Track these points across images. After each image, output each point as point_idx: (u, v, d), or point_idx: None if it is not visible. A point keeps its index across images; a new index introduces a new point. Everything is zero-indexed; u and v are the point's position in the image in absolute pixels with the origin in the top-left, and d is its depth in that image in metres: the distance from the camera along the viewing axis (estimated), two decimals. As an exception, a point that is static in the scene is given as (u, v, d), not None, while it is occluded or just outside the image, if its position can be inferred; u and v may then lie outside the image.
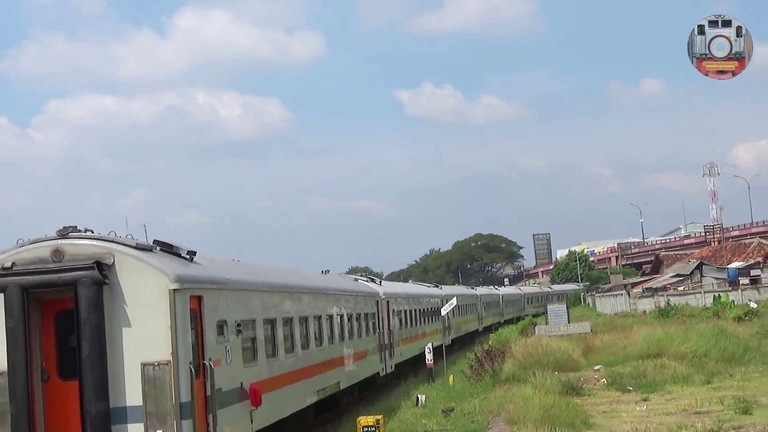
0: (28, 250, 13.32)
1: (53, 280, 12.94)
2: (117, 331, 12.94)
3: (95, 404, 12.61)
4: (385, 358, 31.09)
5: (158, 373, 12.84)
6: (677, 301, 60.26)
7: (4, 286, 12.88)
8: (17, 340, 12.81)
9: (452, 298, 39.07)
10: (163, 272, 13.19)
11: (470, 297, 61.32)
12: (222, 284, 15.34)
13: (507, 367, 29.63)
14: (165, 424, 12.74)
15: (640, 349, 30.35)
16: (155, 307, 13.01)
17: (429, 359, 33.75)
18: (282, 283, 20.13)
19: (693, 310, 55.11)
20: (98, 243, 13.45)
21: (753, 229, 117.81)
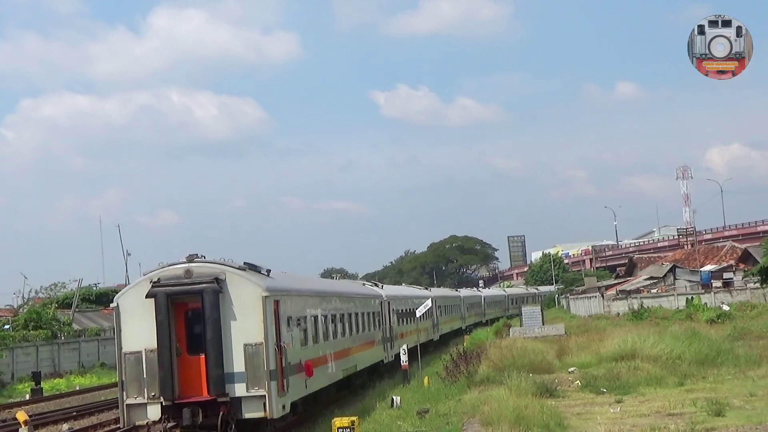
0: (167, 270, 20.71)
1: (187, 290, 20.28)
2: (228, 323, 20.10)
3: (215, 370, 19.89)
4: (387, 348, 36.75)
5: (255, 350, 20.02)
6: (650, 303, 60.61)
7: (154, 293, 20.26)
8: (163, 329, 20.12)
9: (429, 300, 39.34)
10: (258, 285, 20.50)
11: (454, 298, 67.53)
12: (288, 292, 22.71)
13: (482, 369, 29.68)
14: (259, 384, 19.96)
15: (613, 351, 30.47)
16: (253, 307, 20.19)
17: (404, 361, 33.74)
18: (320, 290, 28.00)
19: (666, 312, 55.44)
20: (215, 266, 20.79)
21: (726, 232, 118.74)
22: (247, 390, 20.05)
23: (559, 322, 50.39)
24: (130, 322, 20.82)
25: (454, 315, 63.94)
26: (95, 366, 58.02)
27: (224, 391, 19.96)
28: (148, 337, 20.33)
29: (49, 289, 76.08)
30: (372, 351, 33.64)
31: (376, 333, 35.12)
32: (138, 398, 20.42)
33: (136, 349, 20.59)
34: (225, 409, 19.98)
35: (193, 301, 20.32)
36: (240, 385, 20.04)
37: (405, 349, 34.47)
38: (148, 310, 20.38)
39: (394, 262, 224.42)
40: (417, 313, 37.85)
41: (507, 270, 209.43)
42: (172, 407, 20.14)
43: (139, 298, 20.58)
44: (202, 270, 20.52)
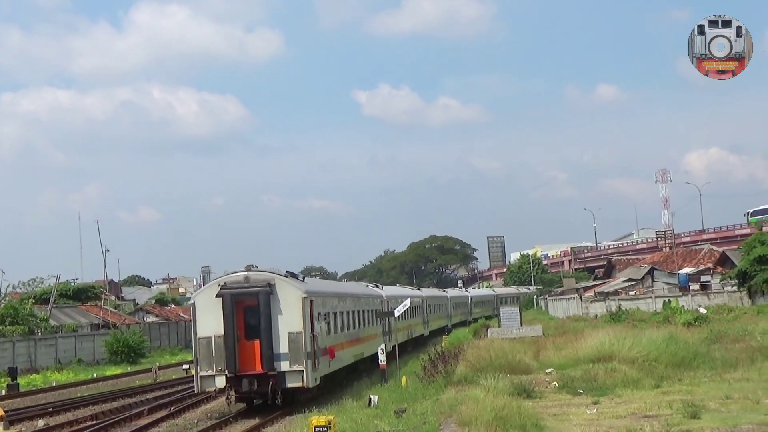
0: (231, 276, 27.87)
1: (246, 292, 27.20)
2: (276, 316, 27.07)
3: (267, 351, 26.88)
4: (386, 340, 41.20)
5: (296, 337, 27.05)
6: (628, 305, 60.89)
7: (222, 294, 27.13)
8: (228, 320, 26.92)
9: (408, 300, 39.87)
10: (298, 288, 27.78)
11: (441, 298, 74.01)
12: (318, 294, 29.94)
13: (459, 369, 29.75)
14: (299, 362, 26.94)
15: (591, 353, 30.62)
16: (295, 305, 27.23)
17: (382, 360, 33.77)
18: (338, 292, 36.03)
19: (644, 314, 55.67)
20: (267, 274, 27.95)
21: (704, 235, 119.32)
22: (290, 366, 27.22)
23: (537, 323, 50.54)
24: (203, 315, 27.65)
25: (441, 313, 70.72)
26: (72, 362, 57.79)
27: (273, 367, 27.11)
28: (217, 326, 27.24)
29: (26, 285, 75.61)
30: (375, 341, 39.53)
31: (377, 327, 40.94)
32: (208, 371, 27.41)
33: (207, 335, 27.47)
34: (273, 380, 27.17)
35: (250, 300, 27.31)
36: (285, 363, 27.17)
37: (383, 348, 34.56)
38: (217, 307, 27.23)
39: (374, 261, 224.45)
40: (396, 313, 38.20)
41: (486, 270, 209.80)
42: (234, 378, 27.21)
43: (211, 297, 27.54)
44: (257, 277, 27.73)
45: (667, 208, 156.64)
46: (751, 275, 56.54)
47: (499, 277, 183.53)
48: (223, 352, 27.11)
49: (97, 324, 70.51)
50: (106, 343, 62.24)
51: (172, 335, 77.92)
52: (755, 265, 56.01)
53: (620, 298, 65.45)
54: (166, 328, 78.27)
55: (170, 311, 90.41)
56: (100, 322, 70.89)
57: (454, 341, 48.11)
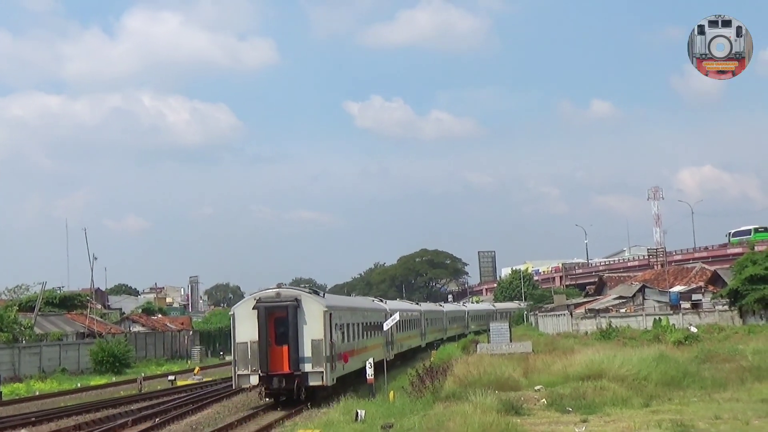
0: (264, 292, 33.54)
1: (277, 306, 32.81)
2: (302, 326, 32.53)
3: (293, 355, 32.34)
4: (389, 350, 48.64)
5: (317, 343, 32.49)
6: (619, 323, 60.90)
7: (257, 307, 32.81)
8: (261, 329, 32.50)
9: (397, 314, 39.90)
10: (321, 303, 33.42)
11: (437, 312, 79.68)
12: (336, 308, 35.55)
13: (448, 385, 29.69)
14: (320, 364, 32.32)
15: (580, 370, 30.59)
16: (317, 317, 32.80)
17: (369, 374, 33.71)
18: (351, 306, 42.17)
19: (634, 332, 55.66)
20: (295, 290, 34.21)
21: (696, 254, 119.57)
22: (312, 367, 32.79)
23: (527, 340, 50.52)
24: (241, 324, 33.42)
25: (437, 327, 76.64)
26: (56, 371, 57.51)
27: (298, 368, 32.78)
28: (252, 333, 33.01)
29: (12, 292, 75.35)
30: (378, 350, 44.79)
31: (381, 337, 46.53)
32: (245, 371, 33.14)
33: (244, 341, 33.21)
34: (299, 379, 32.80)
35: (281, 312, 32.95)
36: (308, 364, 32.76)
37: (371, 362, 34.50)
38: (253, 317, 33.05)
39: (363, 274, 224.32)
40: (384, 327, 38.33)
41: (476, 285, 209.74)
42: (265, 377, 32.96)
43: (248, 310, 33.41)
44: (286, 293, 33.81)
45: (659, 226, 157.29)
46: (742, 294, 56.62)
47: (489, 292, 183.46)
48: (257, 355, 32.94)
49: (83, 333, 70.23)
50: (91, 352, 61.98)
51: (158, 345, 77.67)
52: (747, 285, 56.09)
53: (611, 315, 65.46)
54: (153, 339, 78.03)
55: (157, 321, 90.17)
56: (86, 330, 70.62)
57: (443, 356, 48.05)
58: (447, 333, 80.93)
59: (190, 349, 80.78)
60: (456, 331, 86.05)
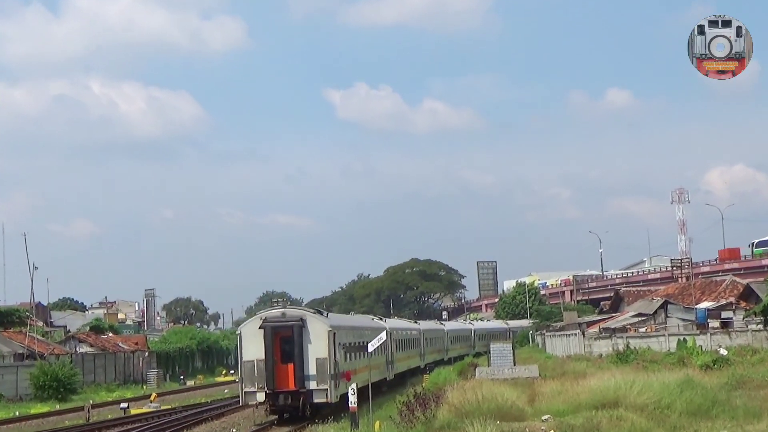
0: (270, 312, 40.22)
1: (283, 325, 38.67)
2: (307, 345, 38.41)
3: (299, 372, 38.14)
4: (389, 369, 54.89)
5: (322, 362, 38.34)
6: (638, 344, 61.05)
7: (264, 326, 38.58)
8: (268, 348, 38.25)
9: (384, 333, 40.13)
10: (325, 323, 39.44)
11: (438, 331, 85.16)
12: (339, 327, 40.58)
13: (442, 414, 29.71)
14: (324, 382, 38.12)
15: (594, 398, 30.66)
16: (322, 336, 38.66)
17: (352, 402, 33.69)
18: (353, 325, 48.18)
19: (655, 355, 55.82)
20: (300, 311, 41.56)
21: (726, 265, 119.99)
22: (317, 385, 38.38)
23: (532, 363, 50.61)
24: (247, 343, 39.12)
25: (437, 347, 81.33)
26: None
27: (304, 386, 38.32)
28: (258, 351, 38.57)
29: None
30: (379, 370, 50.81)
31: (382, 357, 51.97)
32: (251, 388, 38.66)
33: (251, 359, 38.82)
34: (304, 396, 38.33)
35: (286, 331, 38.61)
36: (313, 382, 38.27)
37: (354, 388, 34.50)
38: (259, 336, 38.61)
39: (345, 287, 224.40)
40: (369, 348, 38.42)
41: (475, 300, 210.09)
42: (271, 394, 38.47)
43: (254, 329, 39.01)
44: (292, 313, 40.17)
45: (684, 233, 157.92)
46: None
47: (490, 308, 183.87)
48: (264, 373, 38.45)
49: (21, 354, 70.02)
50: (31, 376, 61.79)
51: (109, 368, 77.52)
52: (784, 301, 56.29)
53: (629, 335, 65.64)
54: (102, 360, 77.87)
55: (107, 340, 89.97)
56: (25, 351, 70.41)
57: (438, 381, 48.11)
58: (448, 353, 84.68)
59: (146, 373, 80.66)
60: (460, 351, 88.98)
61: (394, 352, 56.57)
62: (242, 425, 40.44)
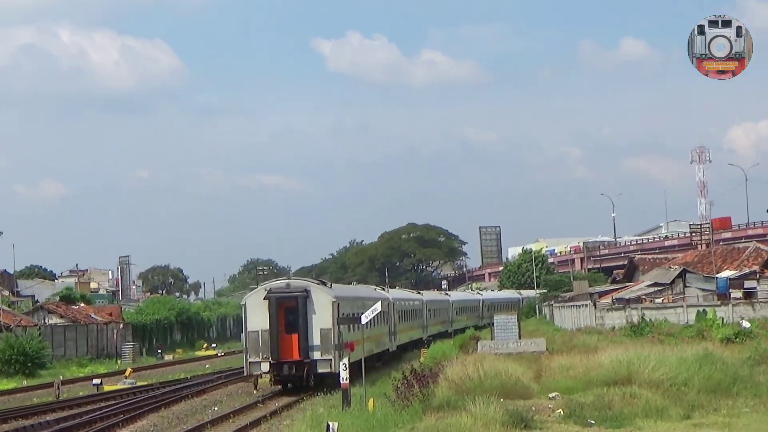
0: (275, 283, 45.21)
1: (287, 296, 43.24)
2: (311, 316, 42.78)
3: (303, 343, 42.57)
4: (392, 340, 59.63)
5: (326, 332, 42.77)
6: (654, 315, 61.18)
7: (269, 297, 42.93)
8: (272, 318, 42.57)
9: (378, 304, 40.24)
10: (329, 294, 44.29)
11: (442, 302, 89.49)
12: (343, 298, 45.67)
13: (441, 391, 29.79)
14: (329, 352, 42.65)
15: (606, 374, 30.74)
16: (326, 307, 43.10)
17: (344, 377, 33.75)
18: (356, 296, 53.54)
19: (672, 327, 55.98)
20: (304, 282, 46.10)
21: (749, 230, 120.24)
22: (321, 355, 42.44)
23: (539, 336, 50.69)
24: (252, 313, 43.26)
25: (440, 318, 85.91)
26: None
27: (308, 356, 42.44)
28: (263, 322, 42.63)
29: None
30: (383, 340, 56.43)
31: (385, 327, 56.95)
32: (256, 358, 42.85)
33: (255, 329, 42.90)
34: (308, 367, 42.33)
35: (291, 302, 42.80)
36: (317, 352, 42.24)
37: (346, 363, 34.56)
38: (264, 307, 42.71)
39: (337, 254, 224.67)
40: (363, 320, 38.43)
41: (477, 269, 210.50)
42: (276, 364, 42.54)
43: (259, 300, 43.21)
44: (296, 284, 44.66)
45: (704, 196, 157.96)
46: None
47: (493, 277, 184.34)
48: (268, 343, 42.49)
49: (-14, 326, 70.03)
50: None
51: (80, 341, 77.61)
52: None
53: (644, 306, 65.74)
54: (74, 333, 77.93)
55: (79, 311, 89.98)
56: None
57: (437, 355, 48.22)
58: (453, 325, 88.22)
59: (121, 347, 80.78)
60: (466, 323, 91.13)
61: (396, 323, 61.28)
62: (225, 403, 40.59)
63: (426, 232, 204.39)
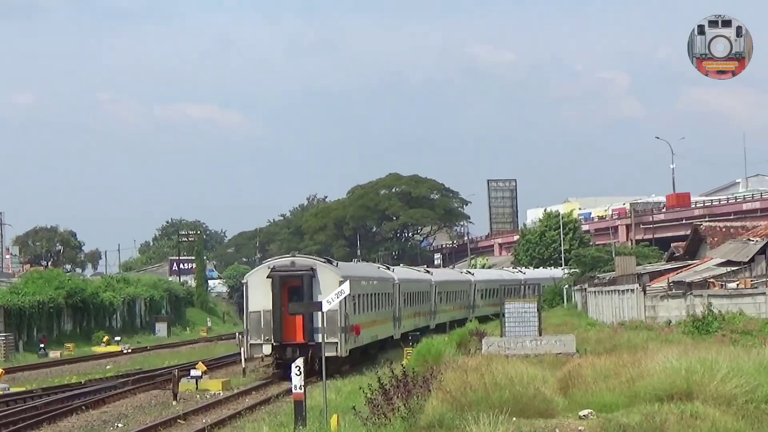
0: (279, 261, 60.84)
1: (292, 275, 57.24)
2: (317, 296, 54.31)
3: (308, 325, 55.11)
4: (396, 327, 72.06)
5: (333, 314, 53.06)
6: (725, 306, 61.49)
7: (271, 276, 56.95)
8: (276, 298, 56.21)
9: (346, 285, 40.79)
10: (336, 273, 57.86)
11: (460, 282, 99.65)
12: (350, 277, 53.16)
13: (432, 406, 29.92)
14: (335, 335, 56.14)
15: (658, 386, 30.92)
16: (333, 287, 45.84)
17: (296, 384, 33.76)
18: (363, 275, 67.46)
19: (750, 322, 56.25)
20: (310, 259, 61.89)
21: None
22: (326, 338, 47.45)
23: (567, 332, 50.93)
24: (254, 292, 55.16)
25: (459, 302, 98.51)
26: None
27: (313, 338, 52.16)
28: (266, 302, 54.44)
29: None
30: (386, 326, 68.84)
31: (389, 311, 70.41)
32: (257, 340, 54.73)
33: (257, 309, 54.68)
34: (312, 350, 50.62)
35: (295, 281, 54.49)
36: (322, 335, 45.99)
37: (300, 367, 34.60)
38: (267, 286, 54.50)
39: (291, 215, 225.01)
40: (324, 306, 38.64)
41: (484, 238, 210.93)
42: (279, 347, 54.10)
43: (262, 278, 55.23)
44: (301, 262, 57.20)
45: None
46: None
47: (506, 250, 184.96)
48: (271, 324, 54.06)
49: None
50: None
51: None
52: None
53: (711, 293, 66.10)
54: None
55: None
56: None
57: (427, 355, 48.33)
58: (475, 311, 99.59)
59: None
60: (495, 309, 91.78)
61: (401, 307, 74.76)
62: (131, 418, 40.75)
63: (414, 187, 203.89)
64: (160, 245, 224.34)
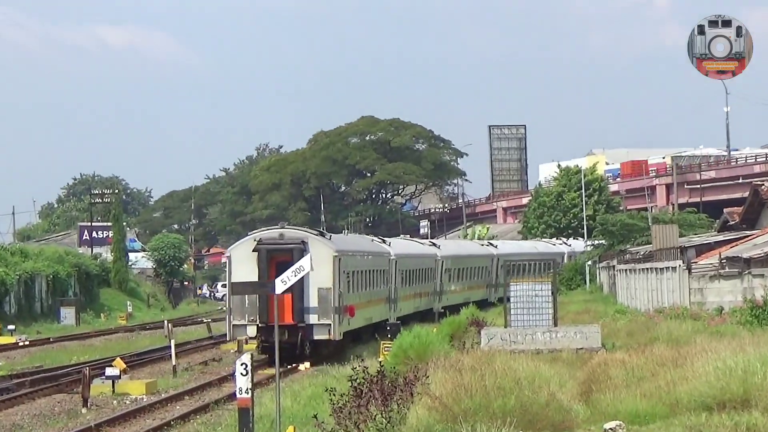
0: (266, 233, 70.84)
1: (281, 248, 67.04)
2: (308, 273, 42.09)
3: (298, 304, 64.92)
4: (392, 309, 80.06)
5: (325, 293, 66.43)
6: (793, 290, 61.78)
7: (258, 249, 66.75)
8: (262, 274, 64.35)
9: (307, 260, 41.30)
10: (330, 247, 69.30)
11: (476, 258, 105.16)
12: (345, 253, 72.20)
13: (416, 415, 30.04)
14: (327, 316, 66.30)
15: (706, 390, 31.08)
16: (326, 263, 65.80)
17: (242, 388, 33.85)
18: (359, 250, 78.68)
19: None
20: (300, 232, 72.96)
21: None
22: (318, 319, 62.13)
23: (589, 321, 51.10)
24: (238, 267, 63.84)
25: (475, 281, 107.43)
26: None
27: (303, 319, 62.20)
28: (251, 278, 59.67)
29: None
30: (381, 308, 76.86)
31: (385, 290, 78.91)
32: (241, 320, 62.82)
33: None
34: (303, 332, 61.99)
35: (284, 255, 61.20)
36: (314, 316, 61.15)
37: (247, 364, 34.72)
38: (253, 260, 62.86)
39: (235, 170, 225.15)
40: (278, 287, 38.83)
41: (484, 200, 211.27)
42: (264, 328, 60.43)
43: (247, 251, 64.02)
44: (291, 234, 66.32)
45: None
46: None
47: (511, 216, 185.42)
48: (256, 304, 59.87)
49: None
50: None
51: None
52: None
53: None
54: None
55: None
56: None
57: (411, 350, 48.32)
58: (498, 291, 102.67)
59: None
60: None
61: (398, 287, 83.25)
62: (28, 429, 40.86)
63: (394, 135, 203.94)
64: (67, 208, 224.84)
